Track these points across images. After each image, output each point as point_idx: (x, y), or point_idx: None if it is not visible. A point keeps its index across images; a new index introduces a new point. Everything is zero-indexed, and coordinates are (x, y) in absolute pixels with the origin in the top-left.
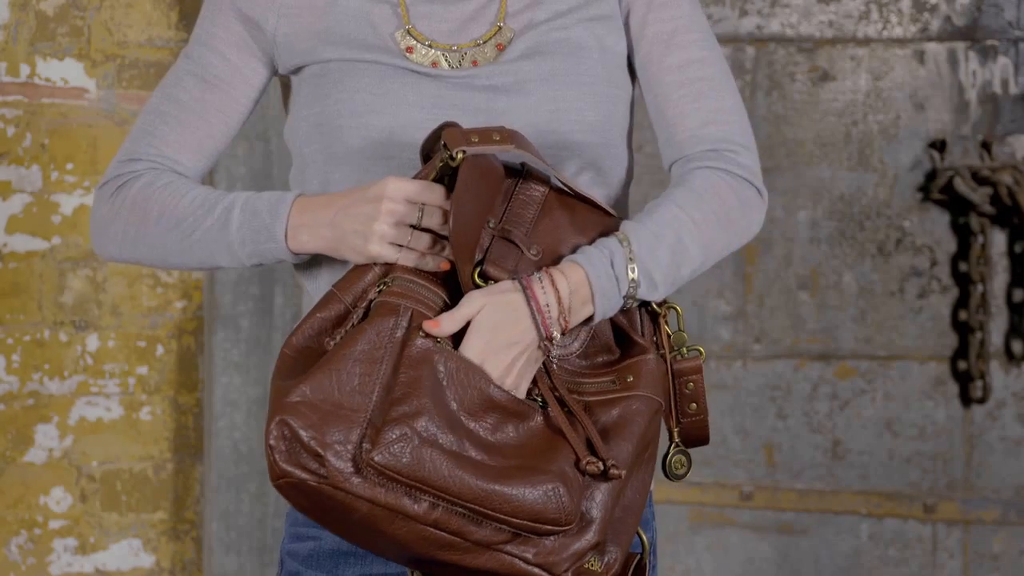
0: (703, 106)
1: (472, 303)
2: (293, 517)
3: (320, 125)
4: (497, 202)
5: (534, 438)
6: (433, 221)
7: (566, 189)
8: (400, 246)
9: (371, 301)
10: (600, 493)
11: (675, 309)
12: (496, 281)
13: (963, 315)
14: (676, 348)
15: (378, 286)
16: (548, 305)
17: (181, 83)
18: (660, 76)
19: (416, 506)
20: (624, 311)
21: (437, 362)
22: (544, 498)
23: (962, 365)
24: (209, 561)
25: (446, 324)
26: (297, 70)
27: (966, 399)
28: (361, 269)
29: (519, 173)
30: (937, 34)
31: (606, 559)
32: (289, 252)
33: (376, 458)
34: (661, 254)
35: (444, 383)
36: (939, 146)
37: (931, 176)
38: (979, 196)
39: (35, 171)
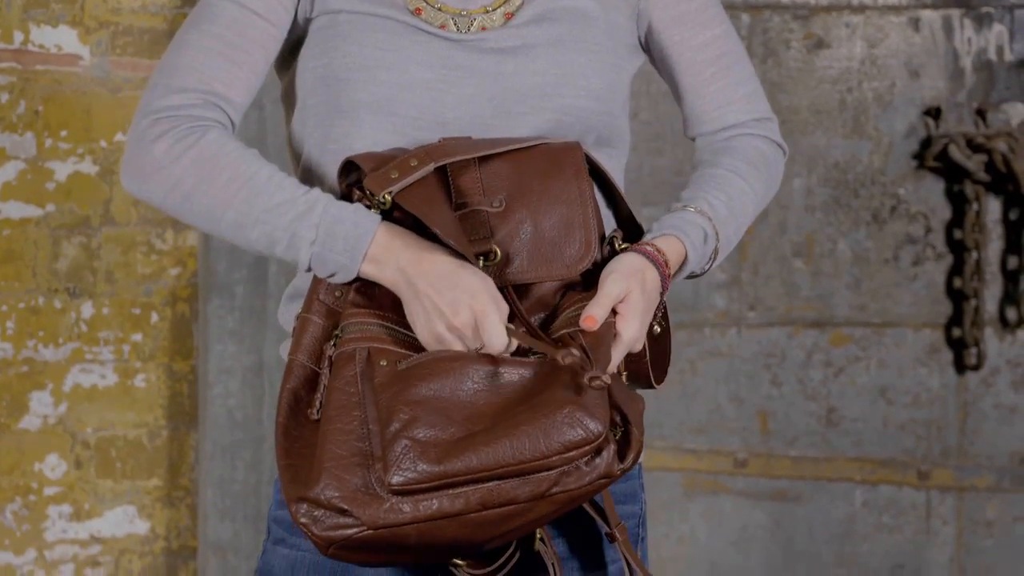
0: (733, 79)
1: (617, 285)
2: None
3: (326, 77)
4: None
5: (531, 382)
6: (492, 351)
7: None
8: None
9: (330, 357)
10: (600, 398)
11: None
12: (492, 254)
13: (957, 282)
14: None
15: (331, 340)
16: (669, 274)
17: (219, 18)
18: (689, 55)
19: (455, 502)
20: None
21: (408, 375)
22: (565, 426)
23: (956, 332)
24: (204, 528)
25: (599, 313)
26: (306, 21)
27: (960, 366)
28: (305, 325)
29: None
30: (932, 1)
31: (619, 429)
32: (354, 274)
33: (394, 480)
34: (731, 232)
35: (425, 388)
36: (934, 113)
37: (926, 143)
38: (974, 163)
39: (29, 138)
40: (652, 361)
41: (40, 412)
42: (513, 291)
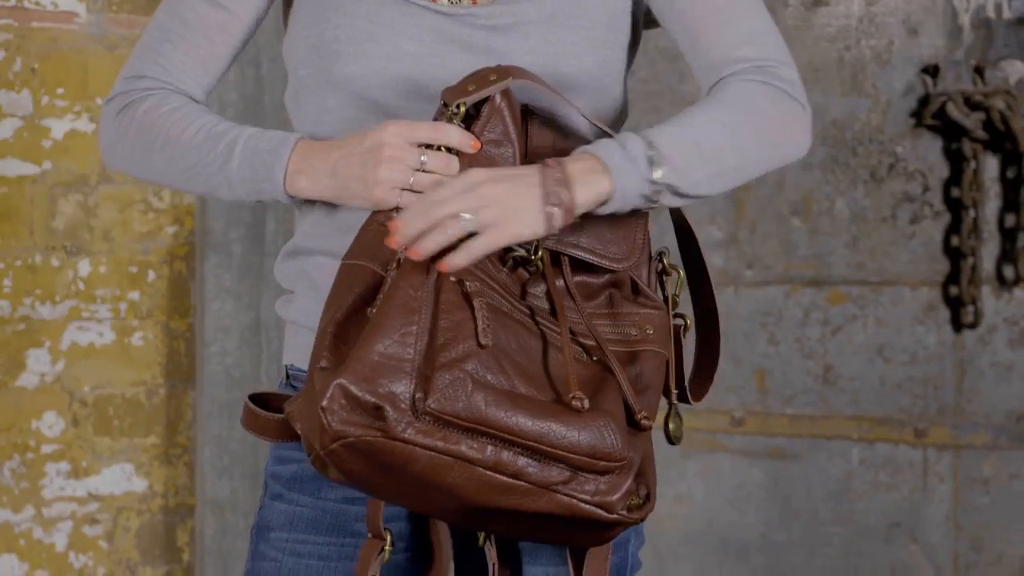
0: (737, 29)
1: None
2: None
3: (317, 48)
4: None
5: (580, 373)
6: (437, 163)
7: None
8: (404, 189)
9: (399, 260)
10: (638, 440)
11: (678, 273)
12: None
13: (955, 241)
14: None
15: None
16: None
17: (186, 0)
18: (689, 9)
19: (475, 450)
20: (637, 267)
21: (477, 303)
22: (598, 434)
23: (953, 290)
24: (202, 486)
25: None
26: None
27: (957, 324)
28: (377, 234)
29: (526, 108)
30: None
31: (642, 492)
32: (286, 195)
33: (432, 405)
34: (684, 144)
35: (487, 323)
36: (932, 71)
37: (924, 101)
38: (972, 121)
39: (25, 96)
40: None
41: (37, 370)
42: (568, 264)
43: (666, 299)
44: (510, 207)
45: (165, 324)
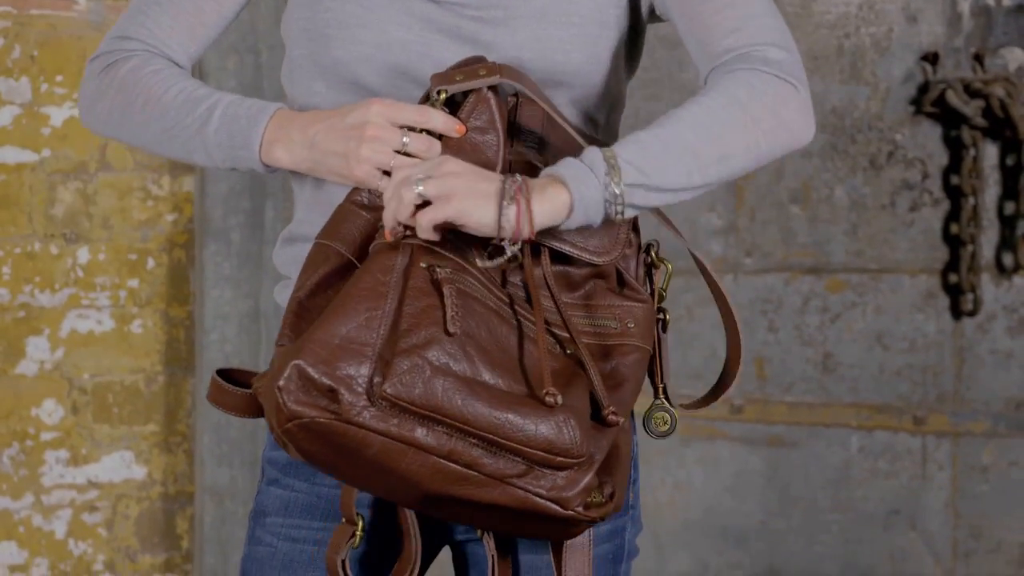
0: (729, 15)
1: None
2: None
3: (308, 31)
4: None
5: (551, 366)
6: (418, 146)
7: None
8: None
9: (371, 247)
10: (603, 436)
11: (667, 267)
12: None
13: (954, 228)
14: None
15: (377, 233)
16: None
17: None
18: (689, 3)
19: (429, 437)
20: (624, 257)
21: (447, 290)
22: (556, 429)
23: (953, 278)
24: (201, 473)
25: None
26: None
27: (956, 312)
28: (350, 215)
29: (516, 96)
30: None
31: (606, 491)
32: (261, 164)
33: (388, 390)
34: (649, 144)
35: (456, 310)
36: (931, 59)
37: (923, 89)
38: (971, 109)
39: (24, 83)
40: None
41: (37, 357)
42: (548, 255)
43: (653, 292)
44: (466, 186)
45: (164, 312)
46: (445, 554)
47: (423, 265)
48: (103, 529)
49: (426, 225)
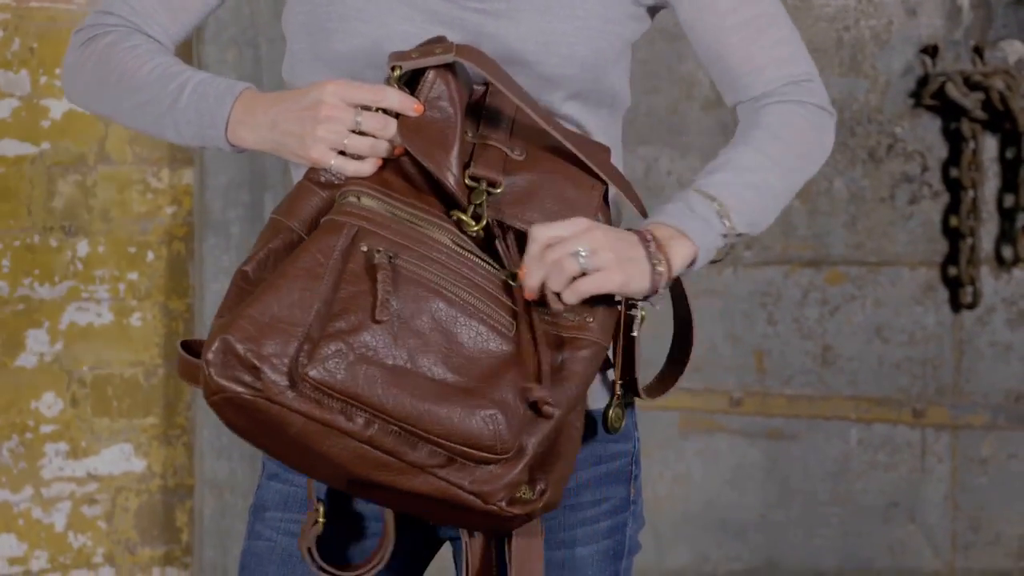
0: (765, 42)
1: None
2: None
3: (308, 25)
4: (464, 112)
5: (487, 357)
6: (373, 125)
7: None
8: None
9: (318, 223)
10: (538, 429)
11: None
12: (486, 181)
13: (954, 221)
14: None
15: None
16: (659, 261)
17: None
18: (715, 22)
19: (350, 423)
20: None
21: (380, 275)
22: (481, 424)
23: (952, 271)
24: (200, 466)
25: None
26: None
27: (956, 305)
28: (306, 193)
29: (487, 82)
30: None
31: (538, 487)
32: (228, 144)
33: (311, 373)
34: (743, 189)
35: (386, 297)
36: (931, 51)
37: (923, 82)
38: (971, 101)
39: (24, 76)
40: (625, 363)
41: (36, 350)
42: (514, 236)
43: None
44: (622, 256)
45: (164, 304)
46: (445, 552)
47: (363, 248)
48: (103, 522)
49: (579, 296)
